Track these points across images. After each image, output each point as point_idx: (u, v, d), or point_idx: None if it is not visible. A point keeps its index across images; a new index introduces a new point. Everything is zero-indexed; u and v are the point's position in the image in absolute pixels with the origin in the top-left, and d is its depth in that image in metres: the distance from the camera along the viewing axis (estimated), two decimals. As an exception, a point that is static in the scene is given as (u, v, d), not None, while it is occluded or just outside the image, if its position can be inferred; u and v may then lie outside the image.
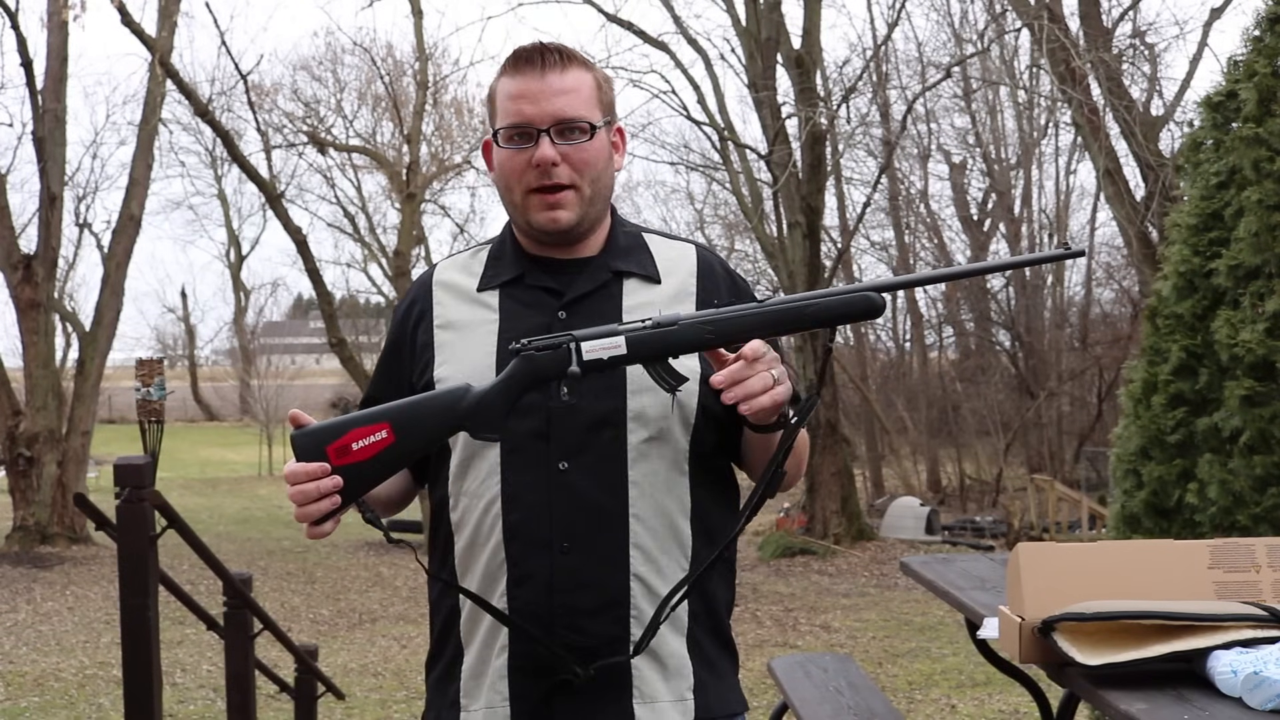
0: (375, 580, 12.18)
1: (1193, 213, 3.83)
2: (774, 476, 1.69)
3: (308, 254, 14.25)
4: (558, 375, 1.64)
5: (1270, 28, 3.76)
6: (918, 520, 14.79)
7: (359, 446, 1.63)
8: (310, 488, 1.60)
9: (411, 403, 1.68)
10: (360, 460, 1.63)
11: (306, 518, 1.62)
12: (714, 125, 15.57)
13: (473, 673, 1.78)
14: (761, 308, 1.66)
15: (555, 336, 1.66)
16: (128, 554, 2.89)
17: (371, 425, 1.64)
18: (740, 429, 1.79)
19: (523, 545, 1.73)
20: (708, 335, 1.64)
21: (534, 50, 1.77)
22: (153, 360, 17.81)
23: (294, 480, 1.62)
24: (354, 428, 1.64)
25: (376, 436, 1.64)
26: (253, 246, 56.46)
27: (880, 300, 1.67)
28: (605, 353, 1.64)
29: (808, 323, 1.66)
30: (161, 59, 13.54)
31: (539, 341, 1.65)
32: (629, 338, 1.64)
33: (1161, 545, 2.34)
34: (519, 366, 1.65)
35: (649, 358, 1.65)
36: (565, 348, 1.64)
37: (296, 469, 1.62)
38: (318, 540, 1.74)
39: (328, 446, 1.63)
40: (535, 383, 1.66)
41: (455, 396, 1.66)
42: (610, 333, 1.65)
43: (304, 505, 1.61)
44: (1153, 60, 16.43)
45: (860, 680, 4.21)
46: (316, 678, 5.27)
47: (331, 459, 1.62)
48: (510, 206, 1.82)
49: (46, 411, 13.94)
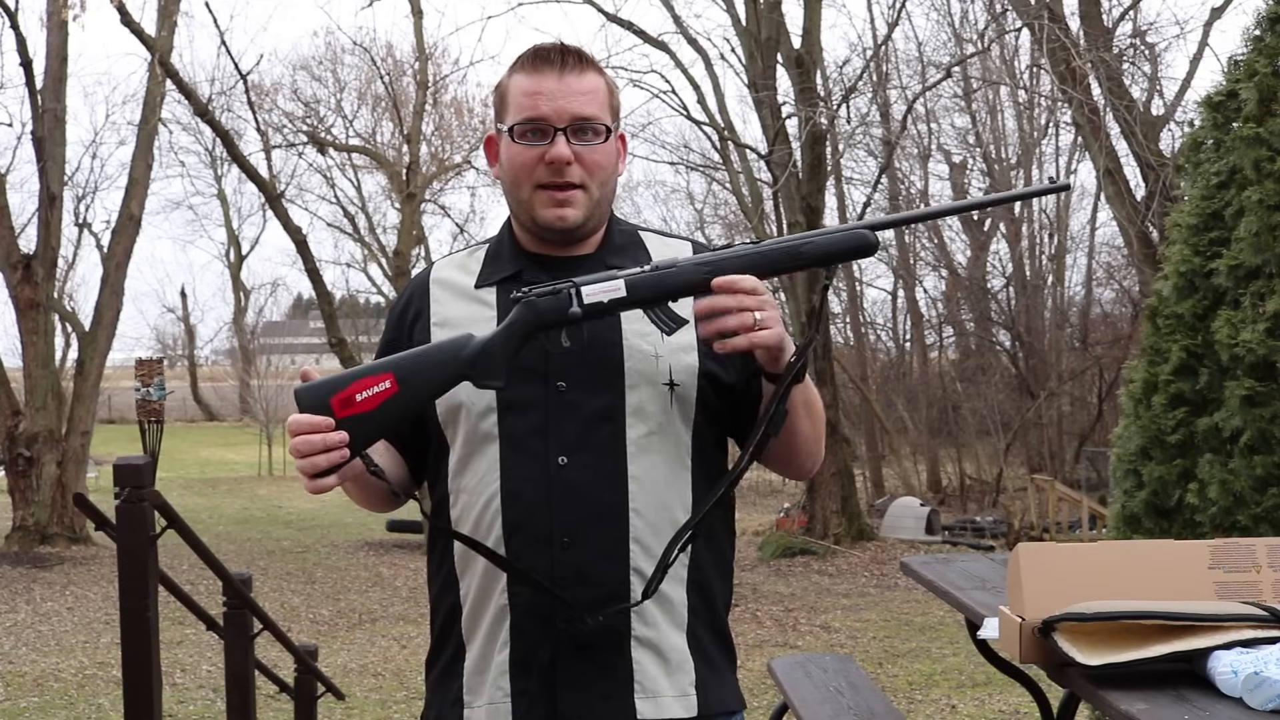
0: (375, 580, 12.18)
1: (1193, 213, 3.83)
2: (775, 414, 1.69)
3: (308, 254, 14.27)
4: (558, 320, 1.66)
5: (1270, 27, 3.76)
6: (918, 520, 14.78)
7: (363, 397, 1.63)
8: (316, 439, 1.60)
9: (415, 353, 1.69)
10: (364, 411, 1.63)
11: (310, 470, 1.61)
12: (714, 125, 15.57)
13: (475, 669, 1.78)
14: (758, 248, 1.68)
15: (555, 283, 1.67)
16: (127, 554, 2.89)
17: (375, 376, 1.65)
18: (744, 416, 1.79)
19: (523, 541, 1.72)
20: (705, 274, 1.65)
21: (554, 49, 1.78)
22: (152, 360, 17.84)
23: (297, 431, 1.61)
24: (358, 379, 1.64)
25: (380, 387, 1.64)
26: (253, 246, 56.45)
27: (874, 238, 1.68)
28: (605, 295, 1.66)
29: (804, 261, 1.68)
30: (161, 59, 13.55)
31: (540, 289, 1.67)
32: (627, 280, 1.66)
33: (1162, 545, 2.34)
34: (520, 313, 1.67)
35: (647, 300, 1.67)
36: (565, 293, 1.66)
37: (301, 420, 1.61)
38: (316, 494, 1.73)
39: (331, 398, 1.62)
40: (537, 328, 1.67)
41: (458, 345, 1.67)
42: (609, 277, 1.67)
43: (308, 456, 1.60)
44: (1153, 60, 16.44)
45: (860, 680, 4.20)
46: (316, 678, 5.27)
47: (335, 411, 1.62)
48: (515, 202, 1.82)
49: (46, 411, 13.93)
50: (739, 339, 1.62)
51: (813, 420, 1.80)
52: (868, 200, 16.82)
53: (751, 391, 1.78)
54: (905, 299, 23.52)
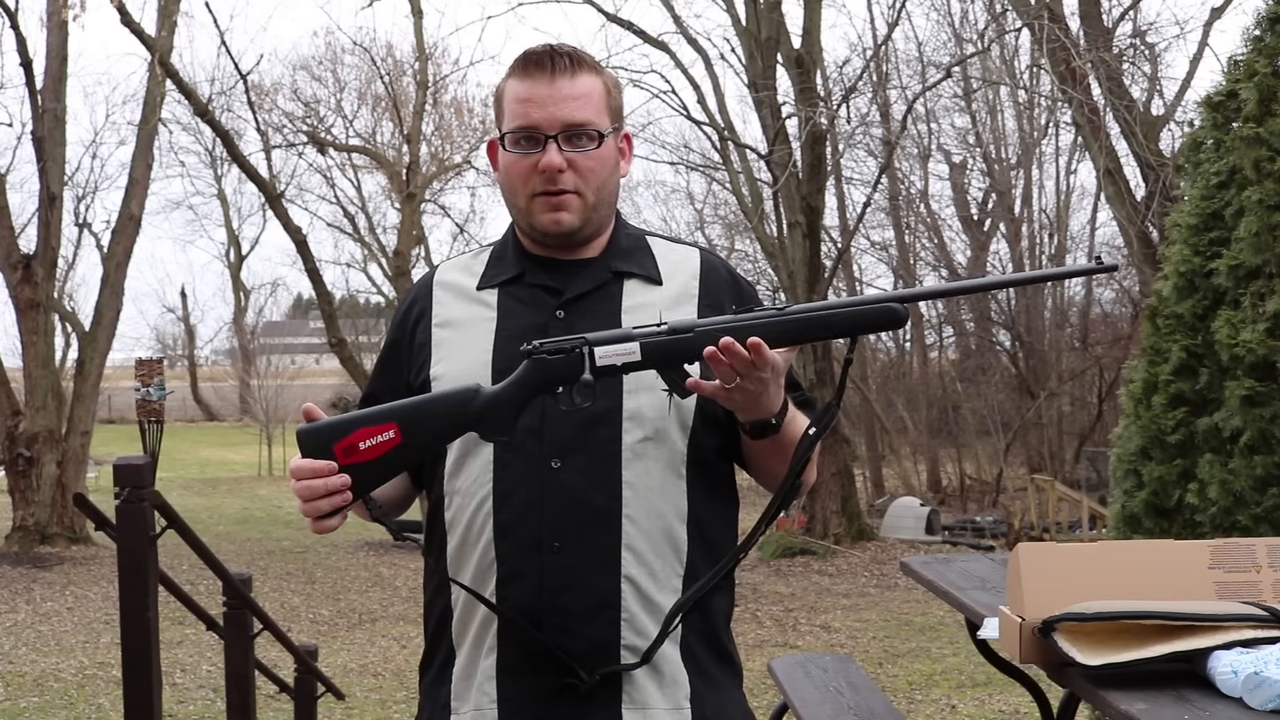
0: (375, 580, 12.18)
1: (1193, 213, 3.83)
2: (791, 489, 1.68)
3: (307, 254, 14.27)
4: (570, 380, 1.62)
5: (1270, 27, 3.76)
6: (918, 520, 14.78)
7: (366, 446, 1.61)
8: (318, 484, 1.59)
9: (419, 403, 1.66)
10: (367, 460, 1.61)
11: (314, 513, 1.61)
12: (714, 125, 15.57)
13: (463, 674, 1.77)
14: (782, 316, 1.62)
15: (569, 339, 1.63)
16: (127, 554, 2.88)
17: (379, 425, 1.62)
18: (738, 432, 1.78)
19: (513, 544, 1.71)
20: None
21: (544, 53, 1.76)
22: (152, 360, 17.83)
23: (299, 476, 1.61)
24: (361, 426, 1.62)
25: (384, 436, 1.61)
26: (253, 246, 56.43)
27: (904, 311, 1.63)
28: (619, 359, 1.61)
29: (829, 332, 1.64)
30: (161, 59, 13.55)
31: (551, 344, 1.63)
32: (643, 344, 1.61)
33: (1162, 545, 2.34)
34: (531, 371, 1.63)
35: (662, 363, 1.63)
36: (578, 352, 1.61)
37: (303, 465, 1.61)
38: (320, 534, 1.73)
39: (335, 445, 1.61)
40: (546, 386, 1.64)
41: (465, 397, 1.64)
42: (624, 337, 1.62)
43: (310, 501, 1.60)
44: (1153, 60, 16.43)
45: (860, 680, 4.20)
46: (316, 678, 5.27)
47: (338, 457, 1.60)
48: (514, 209, 1.82)
49: (46, 411, 13.93)
50: (706, 384, 1.60)
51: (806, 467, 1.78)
52: (868, 200, 16.82)
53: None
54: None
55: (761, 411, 1.65)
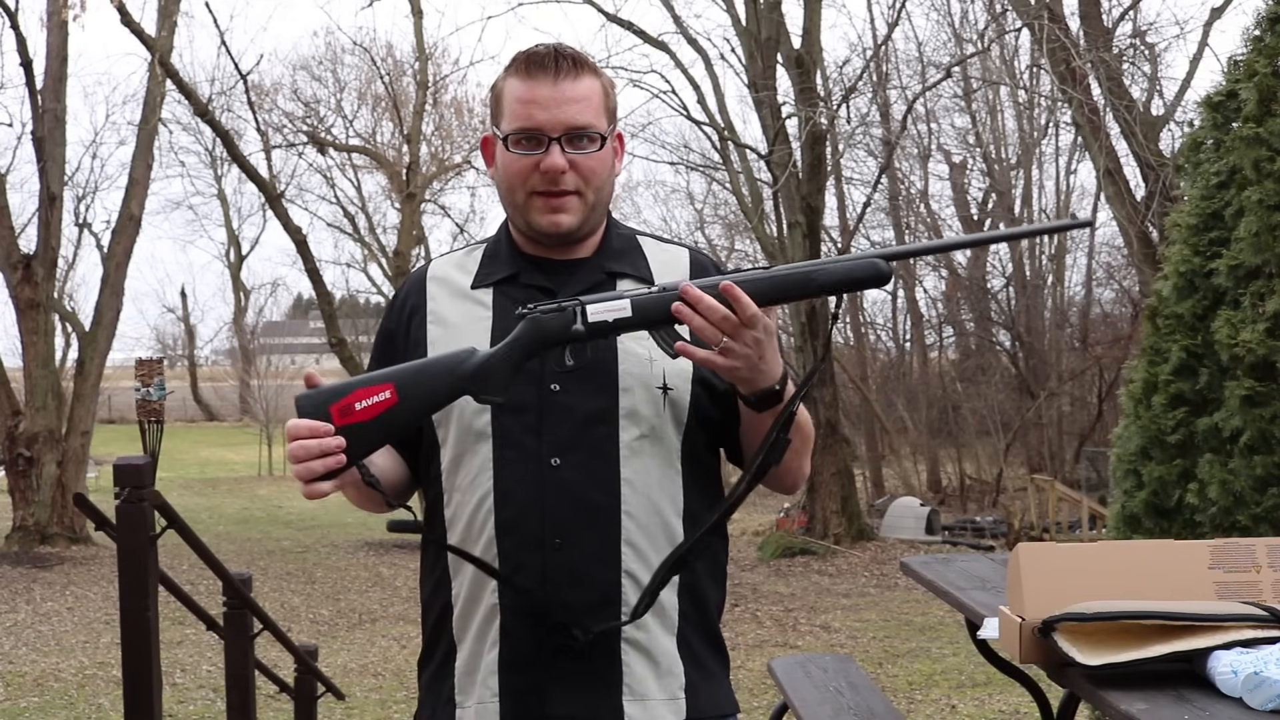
0: (375, 580, 12.18)
1: (1193, 213, 3.83)
2: (776, 441, 1.68)
3: (308, 254, 14.28)
4: (562, 338, 1.64)
5: (1270, 27, 3.76)
6: (918, 520, 14.79)
7: (362, 406, 1.62)
8: (312, 444, 1.59)
9: (416, 365, 1.68)
10: (363, 420, 1.62)
11: (307, 475, 1.60)
12: (714, 125, 15.58)
13: (466, 669, 1.78)
14: (769, 273, 1.64)
15: (561, 300, 1.66)
16: (127, 554, 2.88)
17: (375, 386, 1.63)
18: (738, 424, 1.79)
19: (514, 542, 1.72)
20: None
21: (547, 54, 1.76)
22: (152, 360, 17.82)
23: (295, 436, 1.60)
24: (358, 388, 1.63)
25: (380, 397, 1.63)
26: (253, 246, 56.52)
27: (887, 267, 1.65)
28: (610, 315, 1.64)
29: (815, 289, 1.65)
30: (161, 59, 13.56)
31: (545, 305, 1.66)
32: (633, 300, 1.64)
33: (1162, 545, 2.34)
34: (525, 329, 1.65)
35: (653, 321, 1.65)
36: (570, 310, 1.64)
37: (299, 424, 1.61)
38: (312, 499, 1.71)
39: (331, 406, 1.62)
40: (541, 345, 1.65)
41: (460, 359, 1.66)
42: (615, 296, 1.66)
43: (304, 461, 1.60)
44: (1153, 60, 16.43)
45: (860, 680, 4.20)
46: (316, 678, 5.27)
47: (334, 418, 1.61)
48: (510, 207, 1.82)
49: (46, 411, 13.94)
50: (694, 349, 1.61)
51: (801, 439, 1.79)
52: (868, 200, 16.84)
53: (733, 401, 1.76)
54: (905, 299, 23.52)
55: (763, 379, 1.65)
